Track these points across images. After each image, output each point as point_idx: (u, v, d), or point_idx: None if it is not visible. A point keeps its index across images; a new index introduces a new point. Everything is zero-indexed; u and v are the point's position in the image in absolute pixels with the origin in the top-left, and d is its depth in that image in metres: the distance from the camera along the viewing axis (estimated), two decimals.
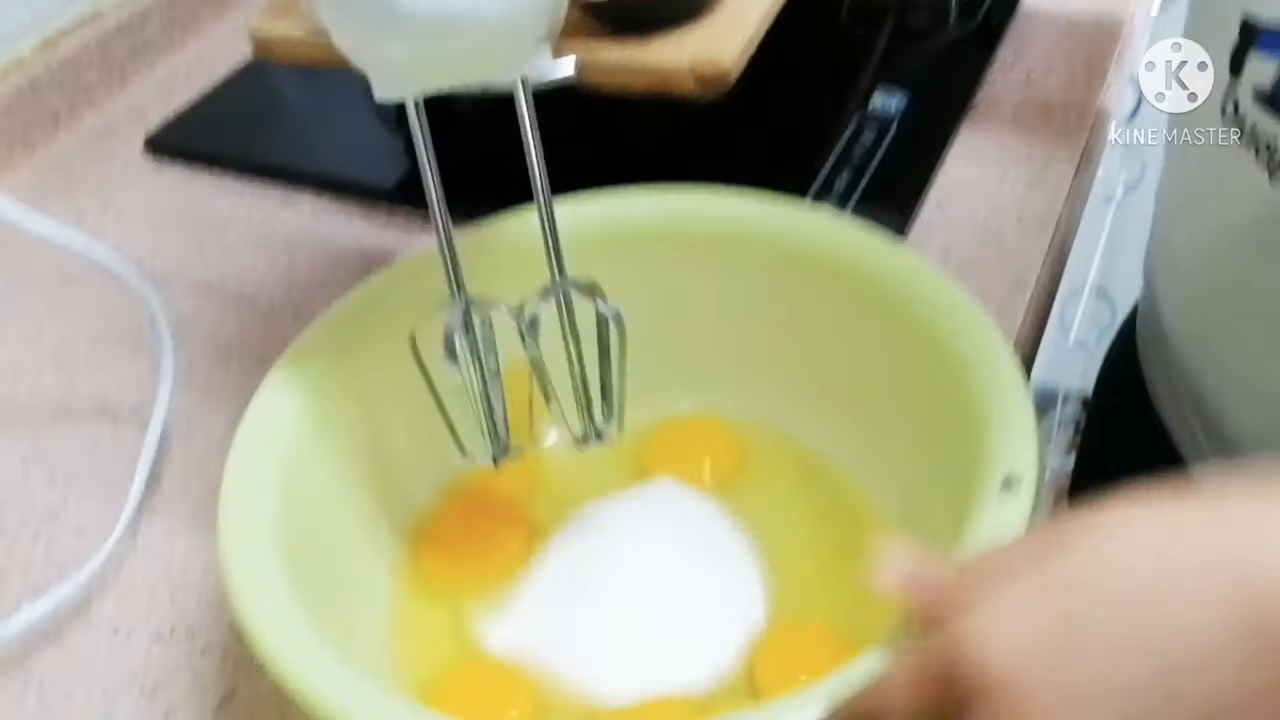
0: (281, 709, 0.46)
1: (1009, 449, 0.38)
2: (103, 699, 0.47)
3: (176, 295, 0.66)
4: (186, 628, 0.49)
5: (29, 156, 0.77)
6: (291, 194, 0.72)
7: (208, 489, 0.54)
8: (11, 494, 0.55)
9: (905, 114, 0.70)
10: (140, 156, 0.77)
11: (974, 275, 0.61)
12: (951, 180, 0.67)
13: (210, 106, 0.80)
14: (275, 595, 0.37)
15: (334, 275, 0.66)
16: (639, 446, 0.50)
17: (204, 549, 0.52)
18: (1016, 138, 0.70)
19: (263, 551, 0.38)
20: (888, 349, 0.46)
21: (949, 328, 0.43)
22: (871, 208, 0.64)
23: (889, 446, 0.47)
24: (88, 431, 0.58)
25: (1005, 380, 0.40)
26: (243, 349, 0.62)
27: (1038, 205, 0.65)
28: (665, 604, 0.44)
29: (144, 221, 0.71)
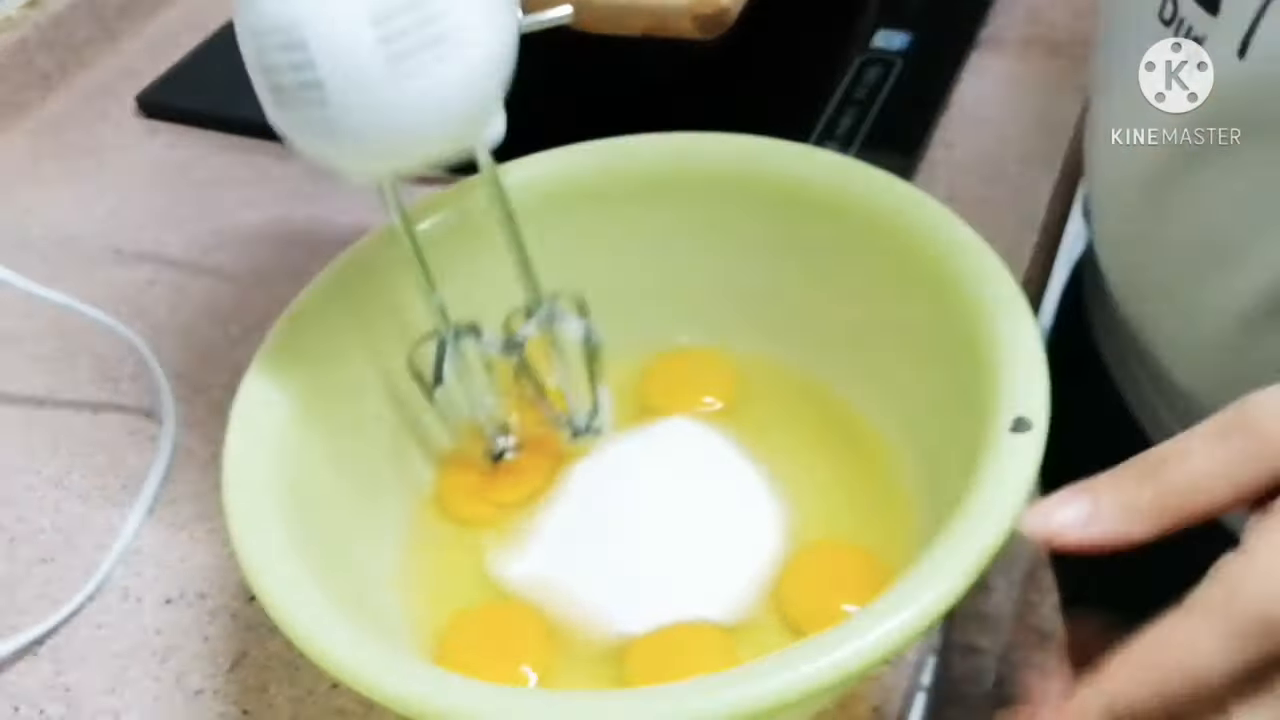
0: (293, 670, 0.46)
1: (1019, 391, 0.37)
2: (115, 662, 0.47)
3: (174, 255, 0.65)
4: (196, 591, 0.49)
5: (21, 118, 0.76)
6: (286, 151, 0.71)
7: (211, 452, 0.54)
8: (17, 462, 0.55)
9: (908, 53, 0.69)
10: (133, 116, 0.76)
11: (981, 214, 0.59)
12: (957, 120, 0.66)
13: (202, 64, 0.78)
14: (284, 555, 0.37)
15: (330, 232, 0.65)
16: (641, 383, 0.50)
17: (211, 511, 0.52)
18: (1022, 75, 0.69)
19: (269, 511, 0.38)
20: (893, 287, 0.45)
21: (956, 266, 0.42)
22: (876, 149, 0.63)
23: (896, 386, 0.46)
24: (91, 399, 0.58)
25: (1015, 320, 0.39)
26: (240, 309, 0.61)
27: (1045, 143, 0.64)
28: (683, 534, 0.44)
29: (138, 182, 0.71)
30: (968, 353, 0.40)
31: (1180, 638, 0.28)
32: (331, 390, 0.43)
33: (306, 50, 0.34)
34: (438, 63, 0.34)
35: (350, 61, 0.34)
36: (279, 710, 0.45)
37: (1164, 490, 0.30)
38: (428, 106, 0.35)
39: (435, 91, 0.35)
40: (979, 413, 0.37)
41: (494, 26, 0.36)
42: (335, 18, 0.33)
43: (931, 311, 0.43)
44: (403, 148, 0.37)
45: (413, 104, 0.35)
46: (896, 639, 0.31)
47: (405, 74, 0.34)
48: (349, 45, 0.34)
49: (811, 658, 0.31)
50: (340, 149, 0.36)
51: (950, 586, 0.32)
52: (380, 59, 0.34)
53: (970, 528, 0.33)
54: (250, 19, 0.34)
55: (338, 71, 0.34)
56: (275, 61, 0.34)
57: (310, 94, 0.34)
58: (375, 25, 0.33)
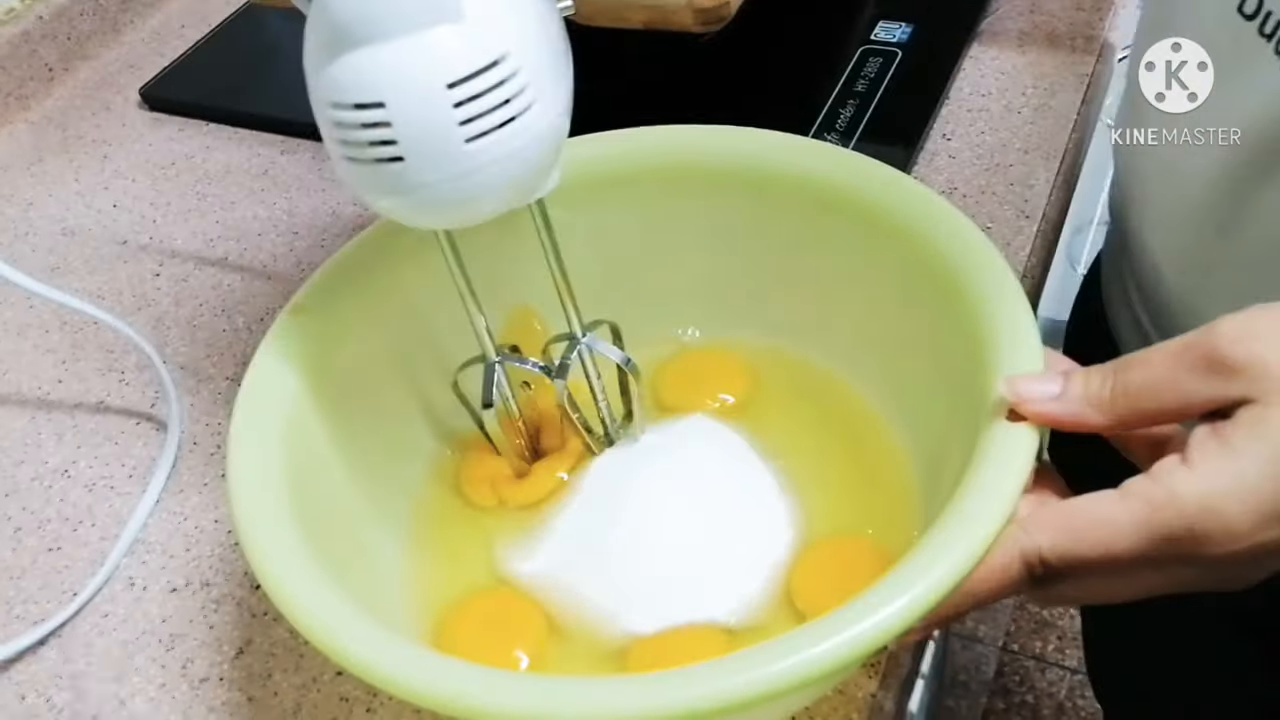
0: (297, 657, 0.46)
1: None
2: (121, 651, 0.47)
3: (178, 247, 0.65)
4: (201, 579, 0.49)
5: (24, 110, 0.76)
6: (290, 143, 0.72)
7: (216, 442, 0.55)
8: (24, 451, 0.56)
9: (909, 45, 0.69)
10: (136, 109, 0.76)
11: (981, 206, 0.60)
12: (957, 111, 0.66)
13: (205, 56, 0.79)
14: (288, 544, 0.37)
15: (335, 222, 0.66)
16: (654, 381, 0.50)
17: (216, 502, 0.52)
18: (1022, 66, 0.69)
19: (274, 501, 0.38)
20: (894, 279, 0.45)
21: (956, 258, 0.42)
22: (876, 140, 0.63)
23: (899, 376, 0.46)
24: (97, 390, 0.58)
25: (1013, 311, 0.40)
26: (245, 300, 0.62)
27: (1044, 134, 0.64)
28: (696, 536, 0.44)
29: (142, 175, 0.71)
30: (966, 344, 0.40)
31: (1109, 518, 0.32)
32: (336, 380, 0.44)
33: (385, 117, 0.34)
34: (510, 127, 0.35)
35: (428, 128, 0.34)
36: (283, 697, 0.45)
37: (1121, 389, 0.33)
38: (499, 169, 0.36)
39: (507, 155, 0.36)
40: (977, 402, 0.38)
41: (561, 90, 0.37)
42: (414, 86, 0.34)
43: (931, 302, 0.43)
44: (470, 206, 0.37)
45: (485, 167, 0.36)
46: (895, 624, 0.31)
47: (479, 139, 0.35)
48: (427, 112, 0.34)
49: (798, 648, 0.31)
50: (409, 205, 0.37)
51: (947, 573, 0.32)
52: (456, 125, 0.34)
53: (967, 515, 0.33)
54: (327, 86, 0.35)
55: (415, 138, 0.35)
56: (352, 127, 0.35)
57: (386, 158, 0.35)
58: (452, 92, 0.34)
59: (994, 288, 0.41)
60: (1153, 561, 0.32)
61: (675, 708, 0.31)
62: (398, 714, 0.44)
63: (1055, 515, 0.33)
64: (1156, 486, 0.32)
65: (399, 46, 0.34)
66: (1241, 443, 0.31)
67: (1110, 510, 0.32)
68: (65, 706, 0.46)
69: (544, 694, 0.33)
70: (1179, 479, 0.31)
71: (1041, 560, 0.32)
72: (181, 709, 0.45)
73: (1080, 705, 1.37)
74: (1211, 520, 0.31)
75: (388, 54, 0.34)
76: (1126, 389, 0.33)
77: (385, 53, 0.34)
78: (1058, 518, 0.33)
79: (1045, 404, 0.34)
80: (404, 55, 0.34)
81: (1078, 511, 0.33)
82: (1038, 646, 1.43)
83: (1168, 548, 0.31)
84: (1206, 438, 0.32)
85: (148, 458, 0.55)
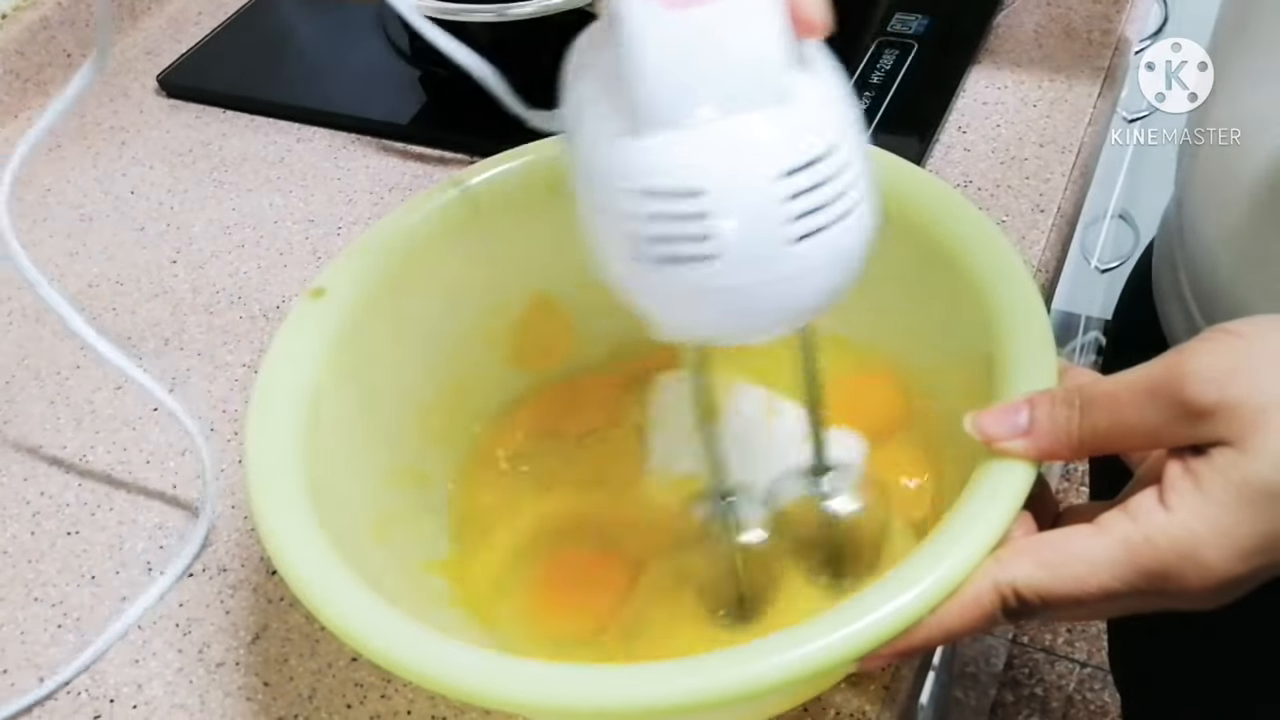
0: (313, 643, 0.47)
1: (1027, 378, 0.37)
2: (137, 635, 0.48)
3: (195, 234, 0.66)
4: (218, 564, 0.50)
5: (42, 97, 0.76)
6: (306, 131, 0.72)
7: (234, 429, 0.55)
8: (41, 438, 0.56)
9: (925, 36, 0.69)
10: (153, 96, 0.76)
11: (996, 199, 0.60)
12: (972, 103, 0.66)
13: (222, 44, 0.79)
14: (305, 530, 0.37)
15: (351, 211, 0.66)
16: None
17: (233, 488, 0.53)
18: (1038, 59, 0.69)
19: (292, 487, 0.39)
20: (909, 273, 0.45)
21: (971, 254, 0.42)
22: (891, 132, 0.63)
23: (913, 371, 0.46)
24: (113, 374, 0.59)
25: (1027, 309, 0.40)
26: (262, 287, 0.62)
27: (1060, 128, 0.64)
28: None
29: (160, 162, 0.71)
30: (980, 340, 0.40)
31: (1084, 555, 0.32)
32: (355, 365, 0.44)
33: (705, 208, 0.30)
34: (836, 225, 0.31)
35: (754, 222, 0.30)
36: (299, 682, 0.45)
37: (1089, 430, 0.34)
38: (822, 276, 0.31)
39: (834, 259, 0.31)
40: (990, 397, 0.38)
41: (875, 193, 0.32)
42: (742, 174, 0.30)
43: (945, 299, 0.43)
44: (775, 315, 0.32)
45: (809, 272, 0.31)
46: (852, 646, 0.32)
47: (808, 238, 0.30)
48: (755, 204, 0.30)
49: (745, 659, 0.32)
50: (704, 312, 0.32)
51: (913, 600, 0.32)
52: (786, 221, 0.30)
53: (946, 542, 0.34)
54: (630, 177, 0.30)
55: (737, 232, 0.30)
56: (663, 220, 0.30)
57: (698, 256, 0.30)
58: (785, 183, 0.30)
59: (1007, 283, 0.40)
60: (1126, 595, 0.32)
61: (640, 702, 0.32)
62: (412, 699, 0.44)
63: (1031, 548, 0.33)
64: (1134, 527, 0.32)
65: (723, 129, 0.30)
66: (1216, 489, 0.31)
67: (1086, 547, 0.32)
68: (83, 690, 0.46)
69: (553, 681, 0.33)
70: (1156, 523, 0.32)
71: (1016, 593, 0.33)
72: (198, 693, 0.46)
73: (1089, 698, 1.38)
74: (1187, 564, 0.31)
75: (710, 136, 0.30)
76: (1095, 429, 0.34)
77: (707, 135, 0.30)
78: (1033, 551, 0.33)
79: (1013, 441, 0.35)
80: (729, 140, 0.30)
81: (1053, 546, 0.33)
82: (1047, 639, 1.43)
83: (1142, 584, 0.32)
84: (1180, 477, 0.32)
85: (164, 443, 0.55)
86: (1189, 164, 0.54)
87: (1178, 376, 0.32)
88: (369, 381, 0.45)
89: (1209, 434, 0.31)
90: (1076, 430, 0.34)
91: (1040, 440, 0.34)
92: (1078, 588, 0.32)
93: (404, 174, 0.68)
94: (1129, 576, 0.32)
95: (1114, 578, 0.32)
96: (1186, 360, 0.32)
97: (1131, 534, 0.32)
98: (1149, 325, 0.60)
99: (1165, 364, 0.32)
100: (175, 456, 0.54)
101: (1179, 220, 0.56)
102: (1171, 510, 0.32)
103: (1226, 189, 0.50)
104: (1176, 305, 0.57)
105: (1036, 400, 0.35)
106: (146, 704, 0.46)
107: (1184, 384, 0.32)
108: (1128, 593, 0.32)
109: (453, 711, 0.44)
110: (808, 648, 0.32)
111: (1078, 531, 0.33)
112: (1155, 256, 0.62)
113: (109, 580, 0.50)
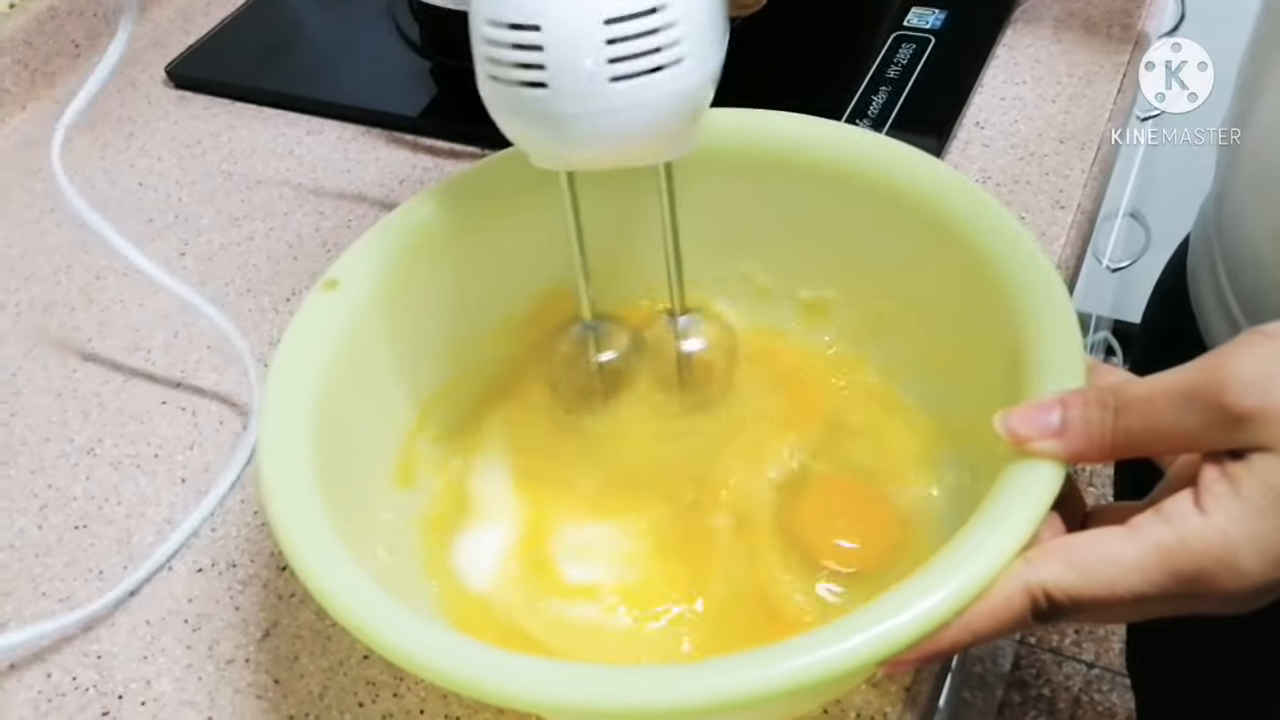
0: (324, 640, 0.46)
1: (1055, 376, 0.37)
2: (146, 631, 0.47)
3: (204, 226, 0.65)
4: (227, 560, 0.49)
5: (50, 88, 0.76)
6: (316, 123, 0.71)
7: (241, 422, 0.54)
8: (49, 430, 0.55)
9: (942, 30, 0.69)
10: (162, 87, 0.76)
11: (1015, 195, 0.60)
12: (990, 98, 0.66)
13: (231, 35, 0.78)
14: (317, 525, 0.37)
15: (361, 204, 0.65)
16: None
17: (243, 481, 0.52)
18: (1057, 54, 0.68)
19: (304, 482, 0.38)
20: (931, 269, 0.44)
21: (994, 250, 0.42)
22: (909, 128, 0.62)
23: (934, 367, 0.46)
24: (122, 366, 0.58)
25: (1051, 305, 0.39)
26: (272, 279, 0.61)
27: (1080, 123, 0.63)
28: None
29: (168, 153, 0.71)
30: (1006, 336, 0.39)
31: (1117, 558, 0.31)
32: (368, 357, 0.43)
33: (538, 40, 0.35)
34: (657, 75, 0.36)
35: (576, 58, 0.35)
36: (310, 680, 0.45)
37: (1123, 432, 0.33)
38: (638, 115, 0.36)
39: (648, 103, 0.36)
40: (1015, 394, 0.37)
41: (712, 54, 0.38)
42: (571, 15, 0.35)
43: (968, 294, 0.42)
44: (601, 146, 0.37)
45: (624, 109, 0.36)
46: (877, 649, 0.31)
47: (624, 80, 0.36)
48: (579, 43, 0.35)
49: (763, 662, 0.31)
50: (542, 134, 0.37)
51: (940, 602, 0.32)
52: (605, 61, 0.35)
53: (973, 544, 0.33)
54: (490, 8, 0.36)
55: (562, 66, 0.35)
56: (504, 46, 0.36)
57: (531, 82, 0.36)
58: (608, 28, 0.35)
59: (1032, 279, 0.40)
60: (1158, 598, 0.32)
61: (658, 703, 0.31)
62: (425, 698, 0.44)
63: (1061, 550, 0.32)
64: (1168, 530, 0.31)
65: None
66: (1255, 494, 0.31)
67: (1119, 550, 0.32)
68: (91, 686, 0.46)
69: (568, 680, 0.33)
70: (1192, 527, 0.31)
71: (1047, 595, 0.32)
72: (207, 690, 0.45)
73: (1097, 700, 1.37)
74: (1222, 569, 0.31)
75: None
76: (1129, 432, 0.33)
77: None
78: (1064, 553, 0.32)
79: (1044, 442, 0.34)
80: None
81: (1084, 548, 0.32)
82: (1055, 640, 1.42)
83: (1175, 587, 0.31)
84: (1217, 481, 0.31)
85: (173, 435, 0.54)
86: (1230, 160, 0.53)
87: (1216, 380, 0.31)
88: (382, 374, 0.45)
89: (1248, 439, 0.31)
90: (1110, 433, 0.33)
91: (1072, 442, 0.33)
92: (1109, 590, 0.32)
93: (415, 166, 0.67)
94: (1162, 580, 0.31)
95: (1146, 581, 0.31)
96: (1226, 364, 0.31)
97: (1166, 538, 0.31)
98: (1182, 321, 0.59)
99: (1203, 367, 0.32)
100: (183, 450, 0.54)
101: (1218, 217, 0.56)
102: (1208, 514, 0.31)
103: (1271, 187, 0.49)
104: (1214, 300, 0.56)
105: (1069, 400, 0.34)
106: (155, 700, 0.45)
107: (1223, 388, 0.31)
108: (1159, 596, 0.32)
109: (466, 710, 0.43)
110: (832, 650, 0.31)
111: (1110, 533, 0.32)
112: (1191, 252, 0.61)
113: (116, 575, 0.49)
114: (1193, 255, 0.61)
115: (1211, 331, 0.57)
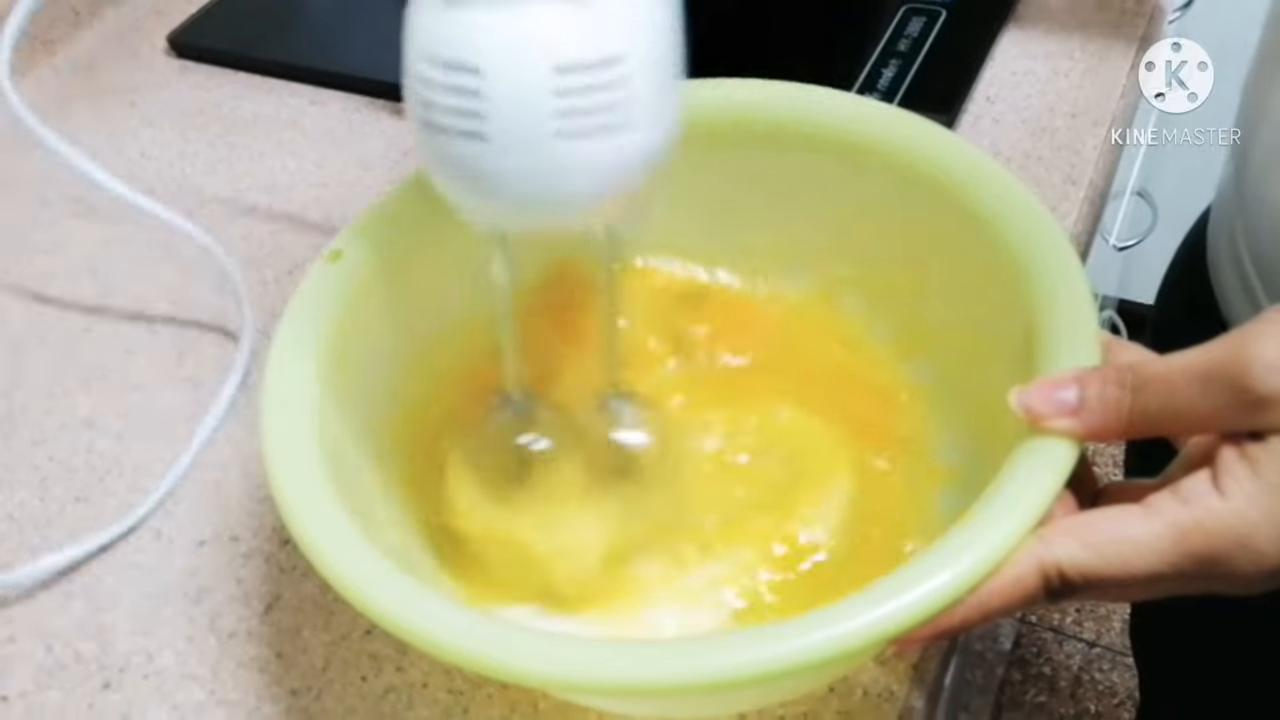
0: (327, 614, 0.46)
1: (1069, 352, 0.36)
2: (148, 604, 0.47)
3: (206, 197, 0.64)
4: (230, 533, 0.49)
5: (50, 56, 0.75)
6: (320, 93, 0.70)
7: (245, 397, 0.54)
8: (49, 402, 0.55)
9: (953, 4, 0.68)
10: (164, 56, 0.75)
11: (1027, 170, 0.59)
12: (1002, 73, 0.65)
13: (234, 3, 0.77)
14: (321, 499, 0.36)
15: (365, 175, 0.65)
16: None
17: (245, 456, 0.52)
18: (1070, 28, 0.67)
19: (307, 456, 0.38)
20: (944, 243, 0.44)
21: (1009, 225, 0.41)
22: (918, 102, 0.62)
23: (944, 344, 0.45)
24: (126, 339, 0.58)
25: (1067, 279, 0.38)
26: (275, 251, 0.61)
27: (1092, 99, 0.63)
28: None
29: (170, 123, 0.70)
30: (1020, 310, 0.39)
31: (1132, 537, 0.31)
32: (372, 329, 0.43)
33: (477, 85, 0.31)
34: (604, 133, 0.32)
35: (521, 109, 0.31)
36: (313, 654, 0.45)
37: (1140, 412, 0.32)
38: (583, 177, 0.33)
39: (596, 164, 0.33)
40: (1029, 370, 0.37)
41: (664, 117, 0.34)
42: (518, 60, 0.31)
43: (983, 270, 0.42)
44: (542, 210, 0.34)
45: (569, 169, 0.32)
46: (887, 627, 0.31)
47: (574, 140, 0.32)
48: (525, 93, 0.31)
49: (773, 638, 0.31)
50: (474, 189, 0.34)
51: (952, 579, 0.31)
52: (553, 115, 0.31)
53: (986, 521, 0.32)
54: (422, 38, 0.32)
55: (505, 116, 0.31)
56: (439, 89, 0.32)
57: (467, 131, 0.32)
58: (559, 79, 0.31)
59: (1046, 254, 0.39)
60: (1172, 578, 0.31)
61: (665, 679, 0.31)
62: (428, 672, 0.44)
63: (1076, 528, 0.32)
64: (1185, 511, 0.31)
65: (511, 15, 0.31)
66: (1274, 477, 0.30)
67: (1135, 529, 0.31)
68: (92, 659, 0.45)
69: (573, 655, 0.32)
70: (1210, 507, 0.31)
71: (1060, 574, 0.32)
72: (210, 663, 0.45)
73: (1097, 678, 1.37)
74: (1239, 551, 0.31)
75: (496, 19, 0.31)
76: (1147, 412, 0.32)
77: (494, 17, 0.31)
78: (1078, 531, 0.32)
79: (1060, 420, 0.33)
80: (514, 25, 0.31)
81: (1099, 527, 0.32)
82: (1055, 618, 1.42)
83: (1190, 568, 0.31)
84: (1236, 462, 0.31)
85: (174, 408, 0.54)
86: (1251, 127, 0.53)
87: (1237, 361, 0.31)
88: (385, 348, 0.44)
89: (1269, 422, 0.30)
90: (1127, 412, 0.32)
91: (1089, 420, 0.33)
92: (1124, 569, 0.31)
93: None
94: (1177, 560, 0.31)
95: (1162, 561, 0.31)
96: (1249, 344, 0.31)
97: (1183, 518, 0.31)
98: (1199, 295, 0.59)
99: (1224, 347, 0.31)
100: (184, 422, 0.53)
101: (1238, 190, 0.55)
102: (1226, 496, 0.31)
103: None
104: (1233, 273, 0.55)
105: (1086, 379, 0.34)
106: (157, 674, 0.45)
107: (1246, 370, 0.30)
108: (1174, 576, 0.31)
109: (469, 685, 0.43)
110: (842, 627, 0.31)
111: (1126, 512, 0.32)
112: (1211, 225, 0.61)
113: (118, 547, 0.49)
114: (1212, 227, 0.60)
115: (1228, 303, 0.56)
